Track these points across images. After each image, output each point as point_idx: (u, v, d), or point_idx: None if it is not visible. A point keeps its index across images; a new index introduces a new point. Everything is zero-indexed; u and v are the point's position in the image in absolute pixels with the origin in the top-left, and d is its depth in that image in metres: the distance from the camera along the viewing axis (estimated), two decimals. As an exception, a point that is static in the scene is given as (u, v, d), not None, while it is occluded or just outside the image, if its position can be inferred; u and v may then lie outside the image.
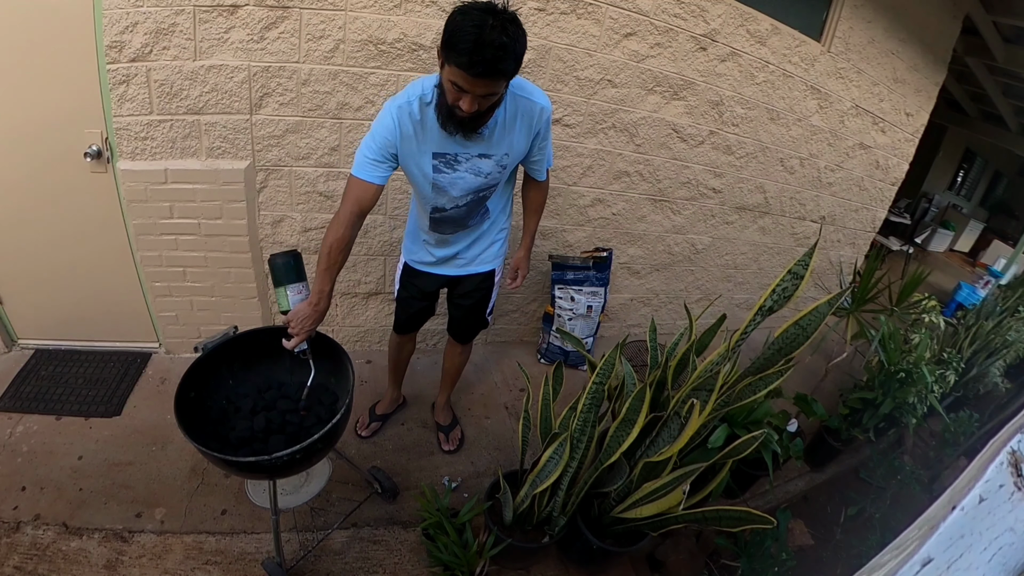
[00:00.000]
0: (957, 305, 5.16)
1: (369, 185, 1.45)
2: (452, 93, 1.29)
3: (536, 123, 1.51)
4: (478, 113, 1.32)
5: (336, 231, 1.45)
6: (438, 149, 1.47)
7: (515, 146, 1.53)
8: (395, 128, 1.42)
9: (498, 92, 1.29)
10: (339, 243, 1.45)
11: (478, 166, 1.52)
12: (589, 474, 1.69)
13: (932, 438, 2.95)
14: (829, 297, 1.42)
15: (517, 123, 1.49)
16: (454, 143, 1.46)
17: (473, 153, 1.49)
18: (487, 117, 1.38)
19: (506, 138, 1.49)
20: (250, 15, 1.93)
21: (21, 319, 2.42)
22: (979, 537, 0.58)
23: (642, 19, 2.39)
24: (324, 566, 1.78)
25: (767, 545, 1.75)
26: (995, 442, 0.67)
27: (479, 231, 1.78)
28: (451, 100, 1.31)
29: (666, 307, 3.45)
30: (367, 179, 1.45)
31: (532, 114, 1.49)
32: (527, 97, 1.47)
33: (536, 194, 1.84)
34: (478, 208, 1.68)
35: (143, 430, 2.14)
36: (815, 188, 3.49)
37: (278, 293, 1.49)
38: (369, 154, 1.44)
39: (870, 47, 3.13)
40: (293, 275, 1.48)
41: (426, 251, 1.82)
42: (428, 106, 1.41)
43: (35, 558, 1.65)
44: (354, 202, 1.46)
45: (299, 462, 1.38)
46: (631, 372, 1.80)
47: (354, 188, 1.46)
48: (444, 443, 2.32)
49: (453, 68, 1.22)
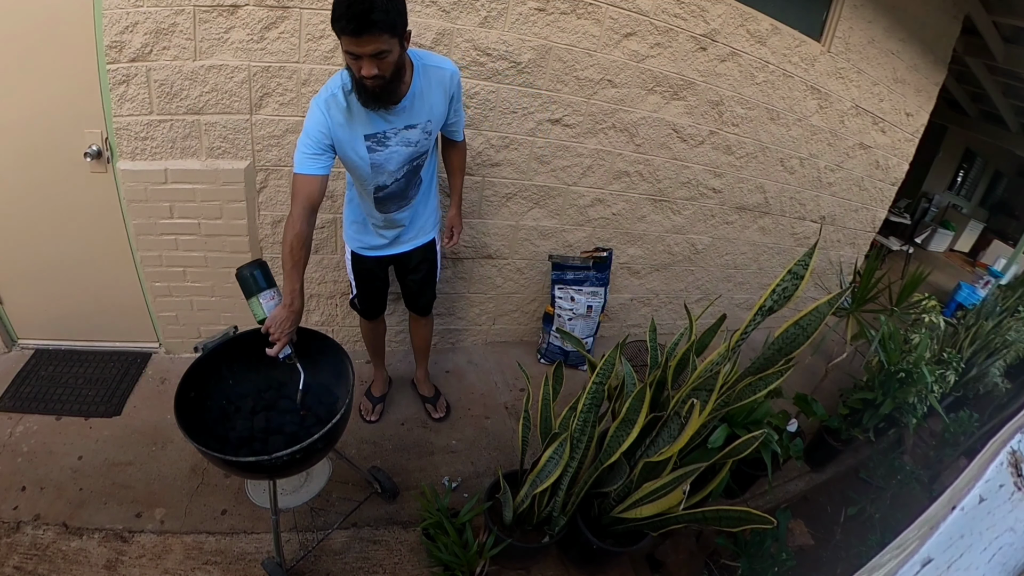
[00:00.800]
0: (957, 305, 5.16)
1: (314, 178, 1.53)
2: (353, 65, 1.39)
3: (450, 87, 1.65)
4: (383, 79, 1.40)
5: (293, 229, 1.50)
6: (368, 131, 1.56)
7: (435, 112, 1.65)
8: (326, 120, 1.51)
9: (389, 49, 1.36)
10: (299, 239, 1.50)
11: (407, 137, 1.62)
12: (589, 474, 1.69)
13: (932, 438, 2.95)
14: (829, 297, 1.42)
15: (434, 91, 1.62)
16: (381, 121, 1.56)
17: (399, 126, 1.59)
18: (397, 83, 1.47)
19: (425, 106, 1.61)
20: (250, 15, 1.93)
21: (21, 319, 2.42)
22: (979, 537, 0.58)
23: (642, 19, 2.39)
24: (324, 566, 1.78)
25: (767, 545, 1.75)
26: (995, 442, 0.67)
27: (416, 202, 1.86)
28: (356, 73, 1.40)
29: (666, 307, 3.45)
30: (311, 172, 1.52)
31: (444, 80, 1.63)
32: (437, 66, 1.62)
33: (457, 154, 1.96)
34: (414, 178, 1.77)
35: (143, 430, 2.14)
36: (815, 188, 3.49)
37: (251, 304, 1.50)
38: (307, 150, 1.52)
39: (870, 47, 3.13)
40: (263, 283, 1.50)
41: (376, 235, 1.90)
42: (350, 94, 1.50)
43: (35, 558, 1.65)
44: (304, 198, 1.51)
45: (299, 462, 1.38)
46: (631, 372, 1.80)
47: (301, 184, 1.52)
48: (433, 413, 2.46)
49: (341, 39, 1.34)
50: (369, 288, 2.06)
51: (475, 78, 2.27)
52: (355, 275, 2.03)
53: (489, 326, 3.03)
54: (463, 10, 2.13)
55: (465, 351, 2.99)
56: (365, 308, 2.12)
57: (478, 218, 2.63)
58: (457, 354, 2.95)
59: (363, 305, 2.11)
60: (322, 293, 2.58)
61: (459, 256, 2.71)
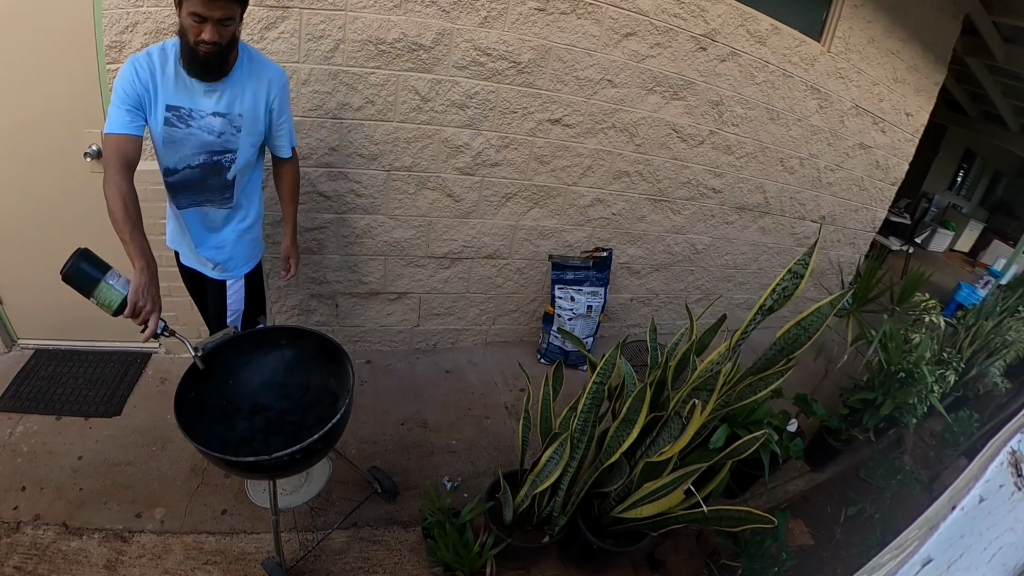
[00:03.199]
0: (957, 305, 5.16)
1: (128, 137, 1.42)
2: (194, 28, 1.35)
3: (270, 90, 1.58)
4: (219, 46, 1.39)
5: (119, 189, 1.37)
6: (172, 102, 1.48)
7: (247, 106, 1.56)
8: (134, 77, 1.42)
9: (234, 17, 1.38)
10: (129, 196, 1.38)
11: (210, 124, 1.54)
12: (589, 474, 1.69)
13: (932, 438, 2.96)
14: (831, 298, 1.42)
15: (252, 85, 1.55)
16: (188, 96, 1.49)
17: (207, 111, 1.52)
18: (227, 55, 1.45)
19: (238, 97, 1.54)
20: (250, 15, 1.93)
21: (21, 319, 2.42)
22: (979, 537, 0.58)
23: (642, 19, 2.39)
24: (324, 566, 1.78)
25: (767, 545, 1.75)
26: (995, 442, 0.67)
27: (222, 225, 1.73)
28: (194, 36, 1.36)
29: (666, 307, 3.45)
30: (124, 131, 1.41)
31: (265, 78, 1.57)
32: (262, 63, 1.58)
33: (286, 175, 1.84)
34: (213, 176, 1.63)
35: (143, 430, 2.14)
36: (815, 188, 3.49)
37: (98, 296, 1.31)
38: (118, 112, 1.41)
39: (870, 47, 3.13)
40: (103, 267, 1.34)
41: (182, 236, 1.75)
42: (167, 61, 1.44)
43: (35, 558, 1.65)
44: (119, 156, 1.40)
45: (299, 462, 1.38)
46: (631, 372, 1.80)
47: (114, 144, 1.41)
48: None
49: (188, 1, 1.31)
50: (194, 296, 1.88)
51: (475, 78, 2.27)
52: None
53: (489, 326, 3.03)
54: (463, 10, 2.13)
55: (465, 351, 2.99)
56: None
57: (478, 218, 2.63)
58: (457, 354, 2.95)
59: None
60: (322, 293, 2.59)
61: (459, 256, 2.71)
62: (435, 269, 2.71)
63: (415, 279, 2.70)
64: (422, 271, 2.69)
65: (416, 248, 2.61)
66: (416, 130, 2.31)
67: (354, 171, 2.33)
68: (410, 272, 2.67)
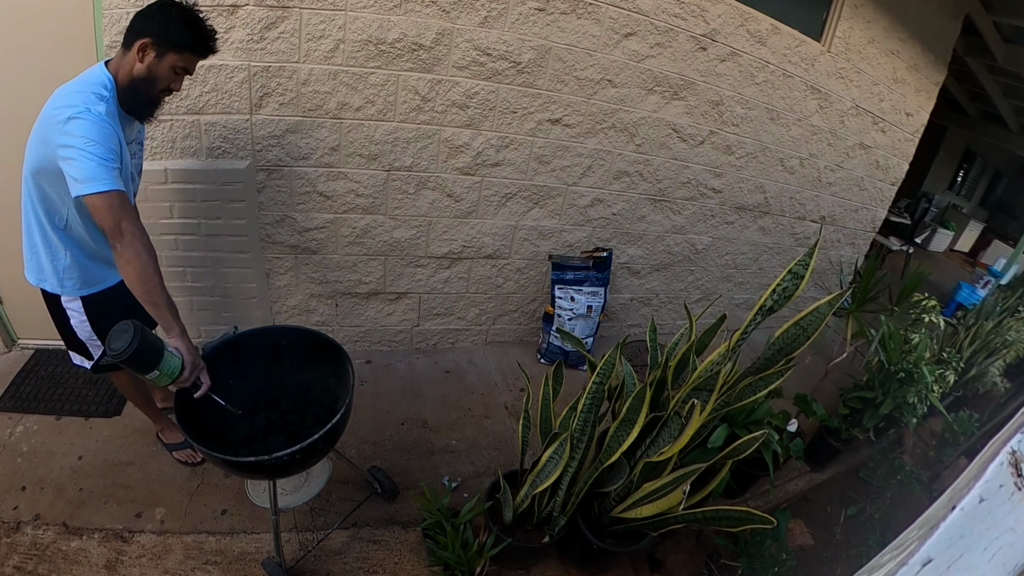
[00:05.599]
0: (957, 305, 5.16)
1: (125, 194, 1.34)
2: (173, 80, 1.44)
3: None
4: None
5: (150, 252, 1.33)
6: (128, 137, 1.53)
7: (136, 131, 1.62)
8: (113, 132, 1.36)
9: None
10: (156, 261, 1.34)
11: (141, 140, 1.65)
12: (589, 474, 1.69)
13: (932, 438, 2.96)
14: (830, 297, 1.42)
15: None
16: (129, 130, 1.52)
17: (141, 139, 1.64)
18: None
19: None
20: (250, 15, 1.93)
21: (21, 319, 2.42)
22: (979, 537, 0.58)
23: (642, 19, 2.39)
24: (324, 566, 1.78)
25: (767, 545, 1.75)
26: (995, 442, 0.67)
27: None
28: (165, 85, 1.44)
29: (666, 307, 3.45)
30: (121, 188, 1.33)
31: None
32: None
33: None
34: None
35: (143, 430, 2.14)
36: (815, 188, 3.49)
37: (165, 366, 1.24)
38: (108, 171, 1.31)
39: (870, 47, 3.13)
40: (161, 340, 1.27)
41: (109, 264, 1.59)
42: (109, 104, 1.40)
43: (35, 558, 1.65)
44: (129, 208, 1.35)
45: (299, 462, 1.38)
46: (631, 372, 1.80)
47: (119, 200, 1.31)
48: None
49: (185, 55, 1.41)
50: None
51: (475, 78, 2.27)
52: (98, 331, 1.64)
53: (489, 326, 3.03)
54: (463, 10, 2.13)
55: (465, 351, 2.99)
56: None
57: (478, 218, 2.63)
58: (457, 354, 2.95)
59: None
60: (322, 293, 2.59)
61: (459, 256, 2.71)
62: (435, 269, 2.71)
63: (415, 279, 2.70)
64: (422, 271, 2.69)
65: (416, 248, 2.61)
66: (416, 130, 2.32)
67: (354, 171, 2.33)
68: (410, 272, 2.67)
